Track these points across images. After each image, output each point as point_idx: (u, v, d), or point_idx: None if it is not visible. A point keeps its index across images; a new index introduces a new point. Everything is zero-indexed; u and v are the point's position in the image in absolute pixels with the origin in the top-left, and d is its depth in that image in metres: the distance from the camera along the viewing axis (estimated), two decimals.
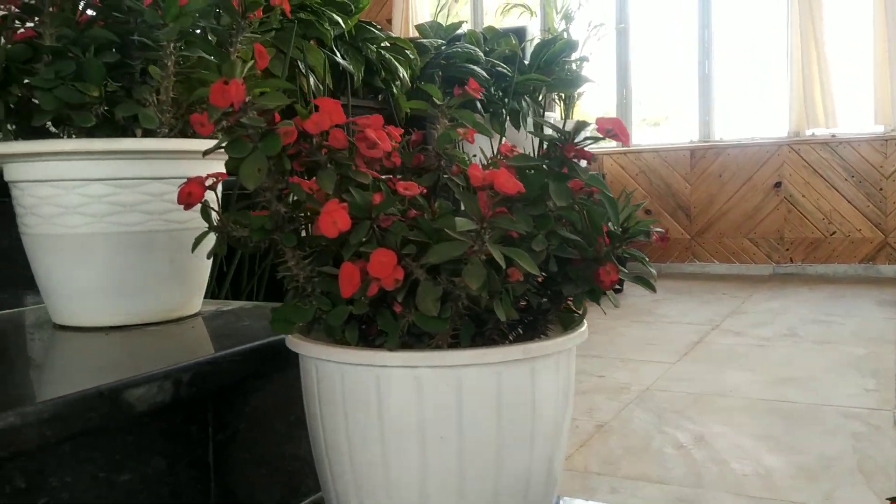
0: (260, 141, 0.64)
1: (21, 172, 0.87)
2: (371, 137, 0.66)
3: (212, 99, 0.63)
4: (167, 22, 0.83)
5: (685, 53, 4.82)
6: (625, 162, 4.71)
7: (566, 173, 0.65)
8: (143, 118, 0.83)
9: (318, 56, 2.07)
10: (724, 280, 4.27)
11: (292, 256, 0.69)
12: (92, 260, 0.87)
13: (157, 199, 0.88)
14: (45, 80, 0.80)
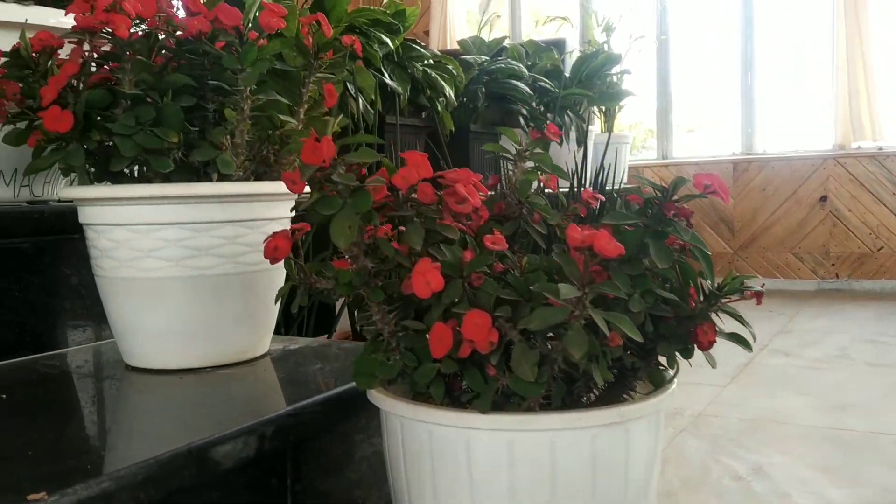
0: (350, 197, 0.64)
1: (97, 215, 0.87)
2: (461, 193, 0.65)
3: (304, 157, 0.62)
4: (245, 66, 0.83)
5: (727, 64, 4.76)
6: (666, 175, 4.66)
7: (664, 230, 0.63)
8: (221, 164, 0.83)
9: (368, 78, 2.07)
10: (768, 295, 4.20)
11: (378, 311, 0.68)
12: (166, 303, 0.87)
13: (231, 243, 0.88)
14: (125, 126, 0.80)
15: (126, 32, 0.75)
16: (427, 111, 2.67)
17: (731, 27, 4.73)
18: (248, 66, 0.83)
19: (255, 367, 0.92)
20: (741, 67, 4.67)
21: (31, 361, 0.97)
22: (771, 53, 4.67)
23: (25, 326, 1.00)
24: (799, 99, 4.66)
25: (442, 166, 2.54)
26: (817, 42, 4.56)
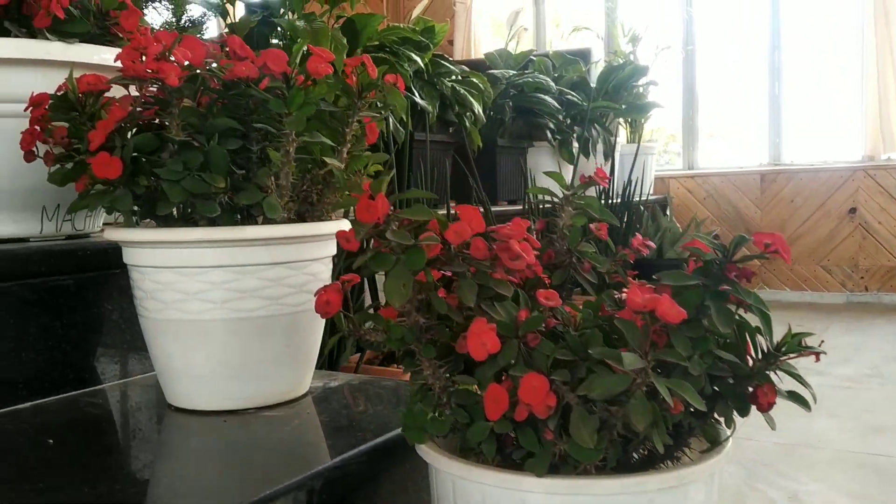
0: (403, 254, 0.63)
1: (143, 258, 0.87)
2: (515, 249, 0.64)
3: (358, 215, 0.62)
4: (292, 111, 0.82)
5: (753, 73, 4.72)
6: (692, 186, 4.62)
7: (725, 292, 0.62)
8: (268, 209, 0.83)
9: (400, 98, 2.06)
10: (796, 308, 4.16)
11: (429, 366, 0.68)
12: (211, 345, 0.87)
13: (276, 284, 0.88)
14: (173, 172, 0.79)
15: (176, 81, 0.74)
16: (454, 126, 2.67)
17: (758, 36, 4.69)
18: (294, 111, 0.83)
19: (298, 407, 0.91)
20: (769, 76, 4.62)
21: (73, 399, 0.98)
22: (798, 62, 4.62)
23: (68, 362, 1.00)
24: (827, 108, 4.61)
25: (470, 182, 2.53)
26: (845, 51, 4.51)
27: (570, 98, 3.26)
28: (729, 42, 4.85)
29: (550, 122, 3.11)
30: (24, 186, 1.01)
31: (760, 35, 4.68)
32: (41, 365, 0.97)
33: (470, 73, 2.60)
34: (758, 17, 4.69)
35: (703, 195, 4.60)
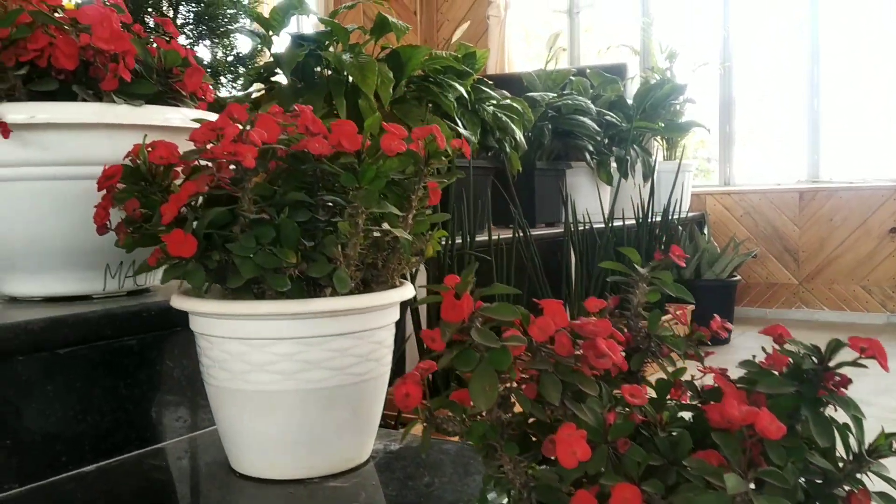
0: (487, 352, 0.62)
1: (211, 327, 0.87)
2: (601, 348, 0.63)
3: (444, 314, 0.61)
4: (363, 185, 0.82)
5: (792, 90, 4.66)
6: (729, 203, 4.57)
7: (822, 399, 0.60)
8: (338, 283, 0.82)
9: (444, 130, 2.06)
10: (834, 329, 4.09)
11: (509, 461, 0.67)
12: (276, 415, 0.87)
13: (342, 355, 0.87)
14: (246, 248, 0.79)
15: (253, 162, 0.74)
16: (494, 150, 2.66)
17: (796, 52, 4.63)
18: (366, 185, 0.82)
19: (362, 477, 0.91)
20: (807, 92, 4.56)
21: (137, 460, 0.98)
22: (837, 78, 4.55)
23: (131, 422, 1.00)
24: (866, 125, 4.53)
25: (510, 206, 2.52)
26: (885, 67, 4.44)
27: (610, 119, 3.24)
28: (766, 57, 4.79)
29: (589, 143, 3.09)
30: (89, 246, 1.02)
31: (799, 51, 4.62)
32: (106, 426, 0.97)
33: (513, 99, 2.59)
34: (796, 32, 4.64)
35: (740, 212, 4.55)
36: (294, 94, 1.96)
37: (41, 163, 0.97)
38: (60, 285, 1.04)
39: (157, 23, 1.08)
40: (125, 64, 0.97)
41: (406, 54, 2.02)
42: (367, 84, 1.83)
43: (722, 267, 3.67)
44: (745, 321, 4.35)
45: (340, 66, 1.87)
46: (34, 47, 0.92)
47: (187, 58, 1.07)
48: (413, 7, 5.59)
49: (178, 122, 1.03)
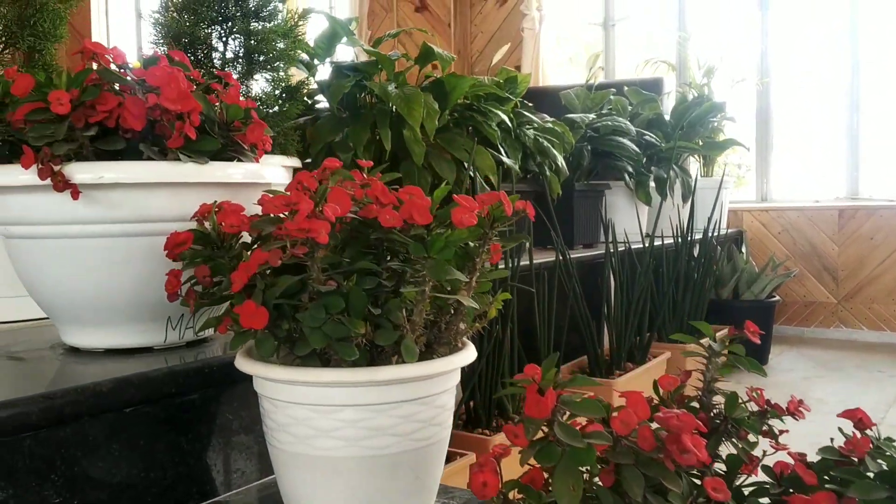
0: (570, 447, 0.62)
1: (276, 391, 0.87)
2: (686, 444, 0.62)
3: (527, 410, 0.61)
4: (431, 255, 0.82)
5: (830, 106, 4.60)
6: (766, 219, 4.52)
7: None
8: (406, 352, 0.82)
9: (488, 159, 2.06)
10: (874, 350, 4.03)
11: None
12: (340, 481, 0.87)
13: (406, 421, 0.87)
14: (316, 318, 0.79)
15: (326, 238, 0.74)
16: (534, 174, 2.65)
17: (836, 68, 4.56)
18: (434, 255, 0.82)
19: None
20: (847, 109, 4.50)
21: None
22: (877, 95, 4.49)
23: (191, 476, 1.01)
24: None
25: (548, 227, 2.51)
26: None
27: (649, 139, 3.22)
28: (804, 71, 4.73)
29: (629, 164, 3.07)
30: (153, 300, 1.02)
31: (838, 65, 4.55)
32: (168, 481, 0.98)
33: (554, 123, 2.58)
34: (835, 46, 4.57)
35: (777, 229, 4.50)
36: (339, 123, 1.96)
37: (108, 220, 0.98)
38: (123, 338, 1.05)
39: (219, 75, 1.08)
40: (190, 122, 0.97)
41: (450, 84, 2.02)
42: (413, 117, 1.83)
43: (761, 287, 3.62)
44: (783, 340, 4.30)
45: (386, 97, 1.87)
46: (104, 109, 0.93)
47: (249, 111, 1.07)
48: (447, 19, 5.59)
49: (240, 178, 1.04)
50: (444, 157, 2.05)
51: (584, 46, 5.11)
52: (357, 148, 1.89)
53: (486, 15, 5.58)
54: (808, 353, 4.00)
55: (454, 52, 5.56)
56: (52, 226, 0.98)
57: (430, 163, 1.99)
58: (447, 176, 2.01)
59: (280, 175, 1.13)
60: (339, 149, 1.92)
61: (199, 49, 1.63)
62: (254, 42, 1.65)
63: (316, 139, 1.93)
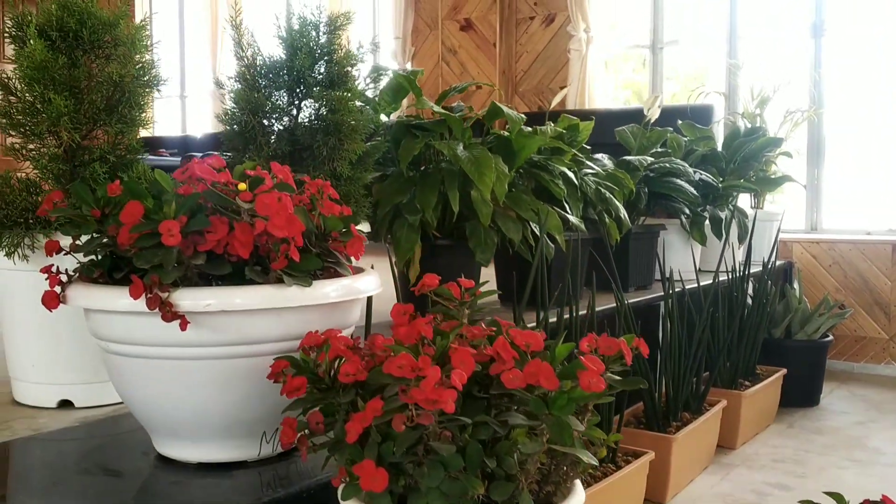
0: None
1: None
2: None
3: None
4: (552, 412, 0.80)
5: (884, 136, 4.50)
6: (817, 251, 4.44)
7: None
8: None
9: (553, 218, 2.04)
10: None
11: None
12: None
13: None
14: (433, 477, 0.78)
15: (453, 407, 0.73)
16: (593, 220, 2.62)
17: (889, 98, 4.47)
18: (555, 412, 0.80)
19: None
20: None
21: None
22: None
23: None
24: None
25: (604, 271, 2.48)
26: None
27: (704, 179, 3.17)
28: (858, 103, 4.63)
29: (685, 206, 3.03)
30: (251, 417, 1.02)
31: (892, 97, 4.46)
32: None
33: (615, 171, 2.54)
34: (891, 77, 4.48)
35: (828, 262, 4.42)
36: (408, 182, 1.95)
37: (211, 343, 0.97)
38: (217, 452, 1.05)
39: (319, 186, 1.07)
40: (295, 244, 0.97)
41: (519, 144, 1.99)
42: (484, 183, 1.81)
43: (814, 328, 3.56)
44: (832, 375, 4.22)
45: (456, 160, 1.86)
46: (214, 238, 0.92)
47: (349, 223, 1.06)
48: (492, 39, 5.57)
49: (339, 298, 1.03)
50: (510, 214, 2.03)
51: (631, 69, 5.06)
52: (425, 211, 1.88)
53: (531, 34, 5.55)
54: (860, 393, 3.92)
55: (499, 72, 5.53)
56: (155, 347, 0.98)
57: (495, 221, 1.97)
58: (513, 235, 1.99)
59: (373, 284, 1.11)
60: (406, 211, 1.91)
61: (278, 120, 1.63)
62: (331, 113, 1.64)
63: (384, 200, 1.92)
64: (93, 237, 1.02)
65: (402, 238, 1.92)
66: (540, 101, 5.55)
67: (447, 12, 5.76)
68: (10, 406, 1.34)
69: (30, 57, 1.18)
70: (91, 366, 1.29)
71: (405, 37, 6.07)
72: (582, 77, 5.22)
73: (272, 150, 1.58)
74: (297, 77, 1.63)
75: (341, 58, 1.69)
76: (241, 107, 1.57)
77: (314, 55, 1.65)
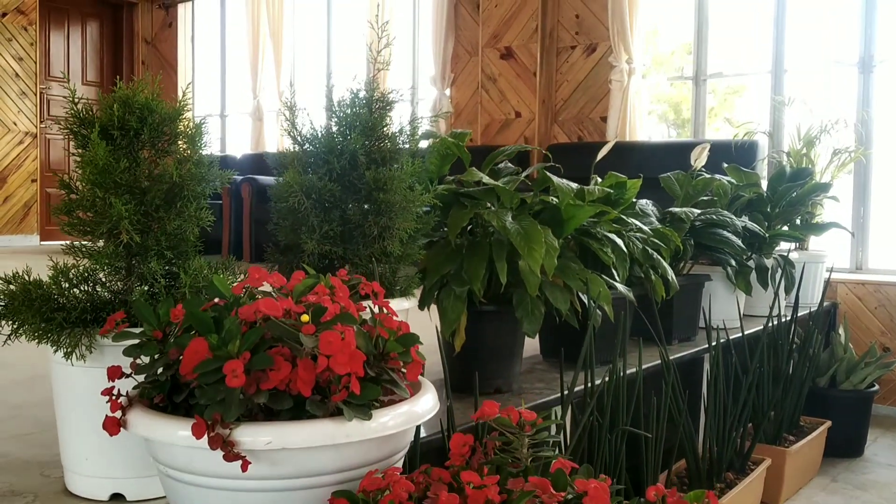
0: None
1: None
2: None
3: None
4: None
5: None
6: (862, 293, 4.35)
7: None
8: None
9: (601, 286, 2.01)
10: None
11: None
12: None
13: None
14: None
15: None
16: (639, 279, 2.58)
17: None
18: None
19: None
20: None
21: None
22: None
23: None
24: None
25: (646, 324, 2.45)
26: None
27: (751, 229, 3.12)
28: None
29: (731, 258, 2.98)
30: None
31: None
32: None
33: (663, 230, 2.51)
34: None
35: (874, 304, 4.32)
36: (455, 251, 1.94)
37: (270, 477, 0.96)
38: None
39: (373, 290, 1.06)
40: (356, 376, 0.95)
41: (568, 214, 1.97)
42: (533, 258, 1.79)
43: (860, 378, 3.48)
44: (877, 422, 4.13)
45: (505, 232, 1.84)
46: (277, 377, 0.91)
47: (408, 346, 1.05)
48: (532, 68, 5.55)
49: (398, 428, 1.02)
50: (557, 283, 2.00)
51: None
52: (473, 283, 1.86)
53: (572, 64, 5.52)
54: None
55: (539, 101, 5.51)
56: (214, 479, 0.97)
57: (542, 290, 1.95)
58: (560, 306, 1.97)
59: (430, 404, 1.10)
60: (454, 282, 1.89)
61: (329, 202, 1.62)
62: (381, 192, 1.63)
63: (431, 269, 1.90)
64: (153, 359, 1.02)
65: (448, 308, 1.91)
66: (580, 131, 5.52)
67: (488, 40, 5.75)
68: (63, 496, 1.35)
69: (93, 162, 1.18)
70: (142, 460, 1.29)
71: (445, 62, 6.08)
72: (623, 108, 5.18)
73: (324, 232, 1.58)
74: (350, 158, 1.63)
75: (393, 135, 1.69)
76: (294, 190, 1.57)
77: (366, 134, 1.64)
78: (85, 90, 8.26)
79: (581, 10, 5.43)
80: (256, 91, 7.34)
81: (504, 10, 5.63)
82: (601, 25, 5.33)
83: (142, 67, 8.43)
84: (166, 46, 8.31)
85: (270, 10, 7.17)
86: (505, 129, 5.71)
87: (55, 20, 8.01)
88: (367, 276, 1.55)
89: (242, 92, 7.68)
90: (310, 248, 1.57)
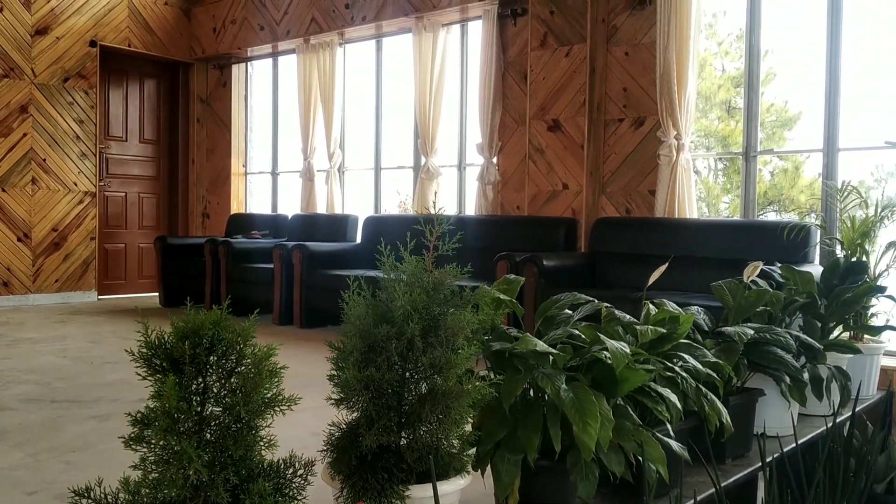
0: None
1: None
2: None
3: None
4: None
5: None
6: None
7: None
8: None
9: (656, 448, 2.01)
10: None
11: None
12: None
13: None
14: None
15: None
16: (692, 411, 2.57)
17: None
18: None
19: None
20: None
21: None
22: None
23: None
24: None
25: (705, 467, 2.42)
26: None
27: (804, 341, 3.08)
28: None
29: (785, 375, 2.95)
30: None
31: None
32: None
33: (714, 362, 2.50)
34: None
35: None
36: (511, 415, 1.96)
37: None
38: None
39: None
40: None
41: (623, 376, 1.98)
42: (587, 432, 1.80)
43: None
44: None
45: (558, 401, 1.85)
46: None
47: None
48: (580, 140, 5.56)
49: None
50: (612, 444, 2.01)
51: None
52: (528, 452, 1.88)
53: (620, 136, 5.52)
54: None
55: (586, 173, 5.52)
56: None
57: (597, 453, 1.95)
58: (615, 468, 1.97)
59: None
60: (508, 449, 1.91)
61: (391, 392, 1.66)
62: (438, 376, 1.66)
63: (485, 435, 1.93)
64: None
65: (503, 472, 1.93)
66: (628, 203, 5.51)
67: (535, 112, 5.79)
68: None
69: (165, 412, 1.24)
70: None
71: (492, 131, 6.14)
72: (671, 183, 5.16)
73: (382, 426, 1.62)
74: (407, 344, 1.67)
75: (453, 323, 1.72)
76: (354, 386, 1.61)
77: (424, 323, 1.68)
78: (142, 147, 8.50)
79: (629, 83, 5.44)
80: (308, 153, 7.48)
81: (551, 83, 5.67)
82: (649, 99, 5.33)
83: (197, 125, 8.64)
84: (220, 105, 8.52)
85: (321, 73, 7.31)
86: (552, 200, 5.73)
87: (114, 81, 8.27)
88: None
89: (292, 151, 7.83)
90: (368, 441, 1.61)
